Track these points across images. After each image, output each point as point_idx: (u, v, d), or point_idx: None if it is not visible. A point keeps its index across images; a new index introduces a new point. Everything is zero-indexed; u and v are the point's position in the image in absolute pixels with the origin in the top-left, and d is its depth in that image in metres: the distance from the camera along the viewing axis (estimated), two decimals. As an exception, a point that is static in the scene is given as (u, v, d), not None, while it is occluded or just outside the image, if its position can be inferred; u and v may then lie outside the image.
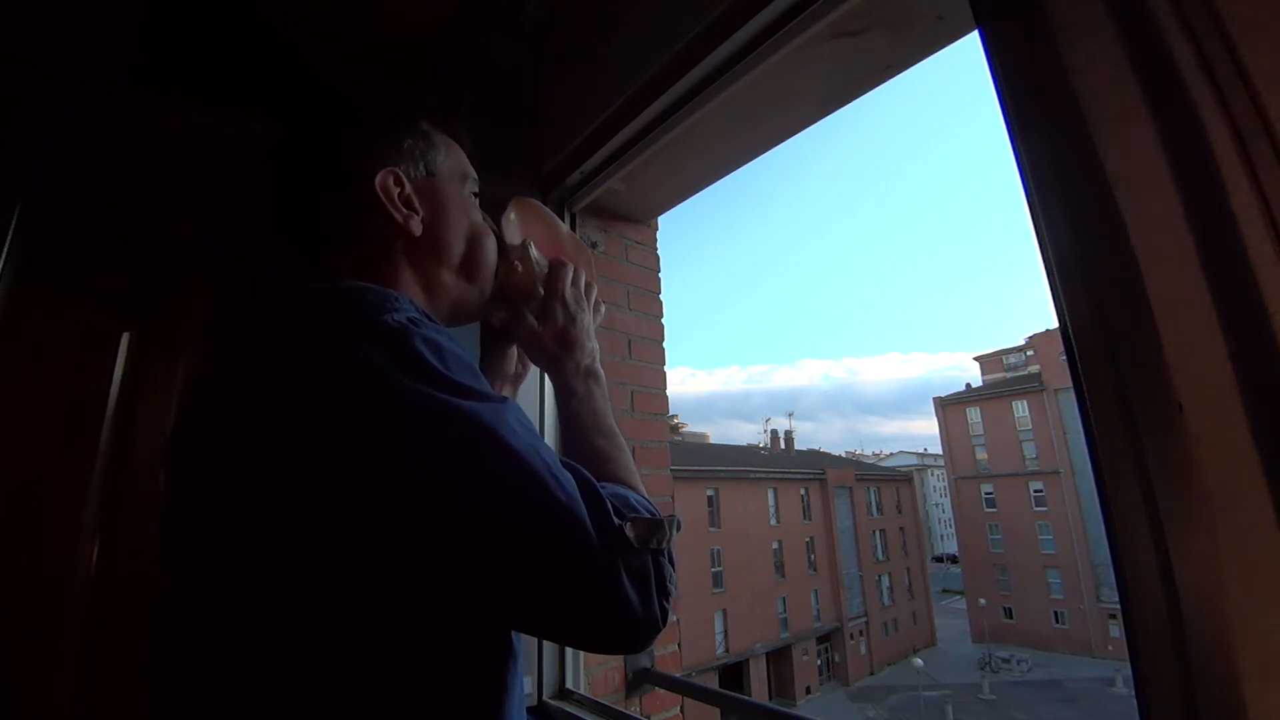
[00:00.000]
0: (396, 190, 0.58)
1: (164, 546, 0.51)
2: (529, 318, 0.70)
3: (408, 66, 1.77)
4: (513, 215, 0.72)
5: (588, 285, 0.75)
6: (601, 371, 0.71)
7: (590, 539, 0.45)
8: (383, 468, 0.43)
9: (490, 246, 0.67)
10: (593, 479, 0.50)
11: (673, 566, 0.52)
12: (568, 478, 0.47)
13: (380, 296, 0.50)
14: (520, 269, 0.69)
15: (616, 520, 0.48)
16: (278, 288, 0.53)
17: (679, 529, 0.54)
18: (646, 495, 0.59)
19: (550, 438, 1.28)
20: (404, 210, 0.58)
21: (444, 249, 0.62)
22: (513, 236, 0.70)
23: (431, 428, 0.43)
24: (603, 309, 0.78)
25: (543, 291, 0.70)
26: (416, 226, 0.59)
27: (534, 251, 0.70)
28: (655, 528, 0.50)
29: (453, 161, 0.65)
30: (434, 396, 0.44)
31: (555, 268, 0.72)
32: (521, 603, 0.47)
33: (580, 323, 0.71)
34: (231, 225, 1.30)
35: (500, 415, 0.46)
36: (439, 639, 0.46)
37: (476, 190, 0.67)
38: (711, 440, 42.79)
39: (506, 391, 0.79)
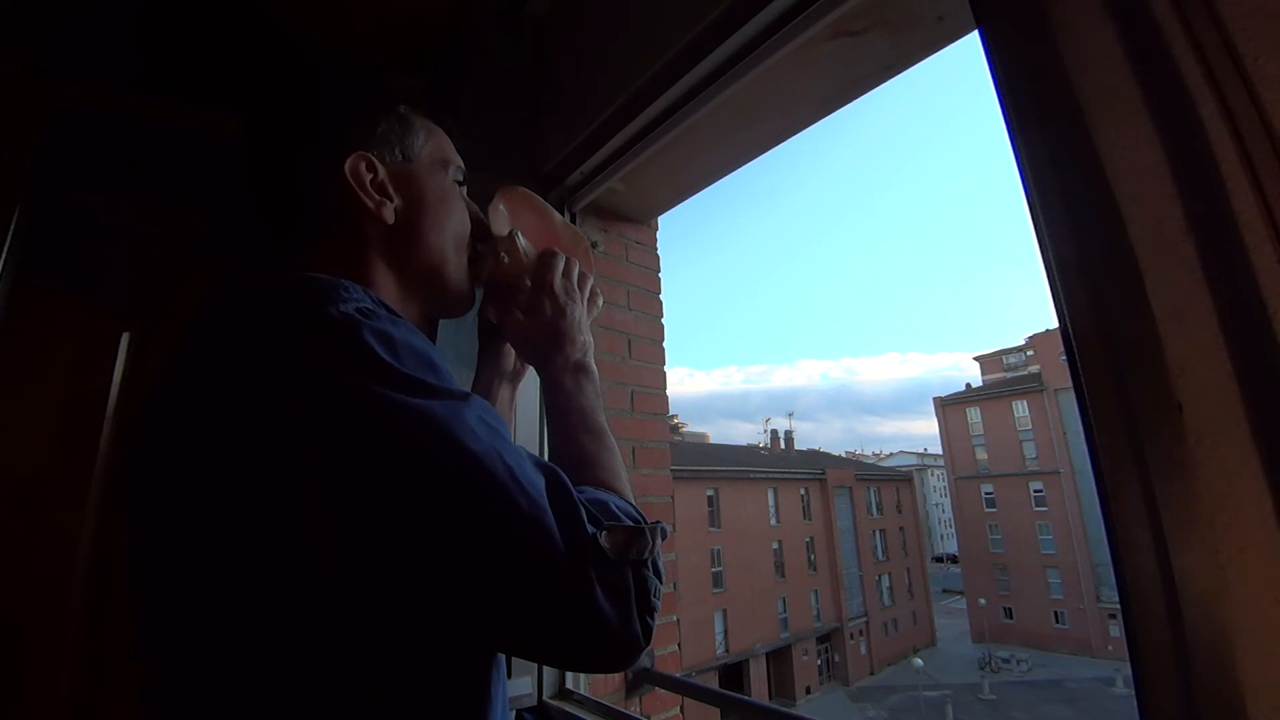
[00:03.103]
0: (369, 176, 0.56)
1: (126, 556, 0.49)
2: (516, 311, 0.67)
3: (408, 66, 1.77)
4: (500, 204, 0.69)
5: (581, 276, 0.71)
6: (594, 367, 0.67)
7: (556, 548, 0.42)
8: (325, 473, 0.40)
9: (470, 235, 0.64)
10: (568, 483, 0.47)
11: (659, 579, 0.48)
12: (536, 482, 0.44)
13: (326, 287, 0.47)
14: (507, 260, 0.66)
15: (590, 529, 0.44)
16: (235, 283, 0.50)
17: (664, 537, 0.50)
18: (632, 500, 0.55)
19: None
20: (375, 197, 0.56)
21: (419, 237, 0.59)
22: (500, 226, 0.67)
23: (376, 428, 0.40)
24: (600, 300, 0.75)
25: (530, 283, 0.67)
26: (389, 214, 0.57)
27: (522, 242, 0.67)
28: (635, 537, 0.46)
29: (432, 147, 0.62)
30: (379, 394, 0.41)
31: (544, 258, 0.68)
32: (485, 618, 0.43)
33: (570, 315, 0.67)
34: (227, 222, 1.30)
35: (457, 413, 0.42)
36: (407, 647, 0.44)
37: (461, 178, 0.65)
38: (711, 440, 42.78)
39: (505, 391, 0.76)
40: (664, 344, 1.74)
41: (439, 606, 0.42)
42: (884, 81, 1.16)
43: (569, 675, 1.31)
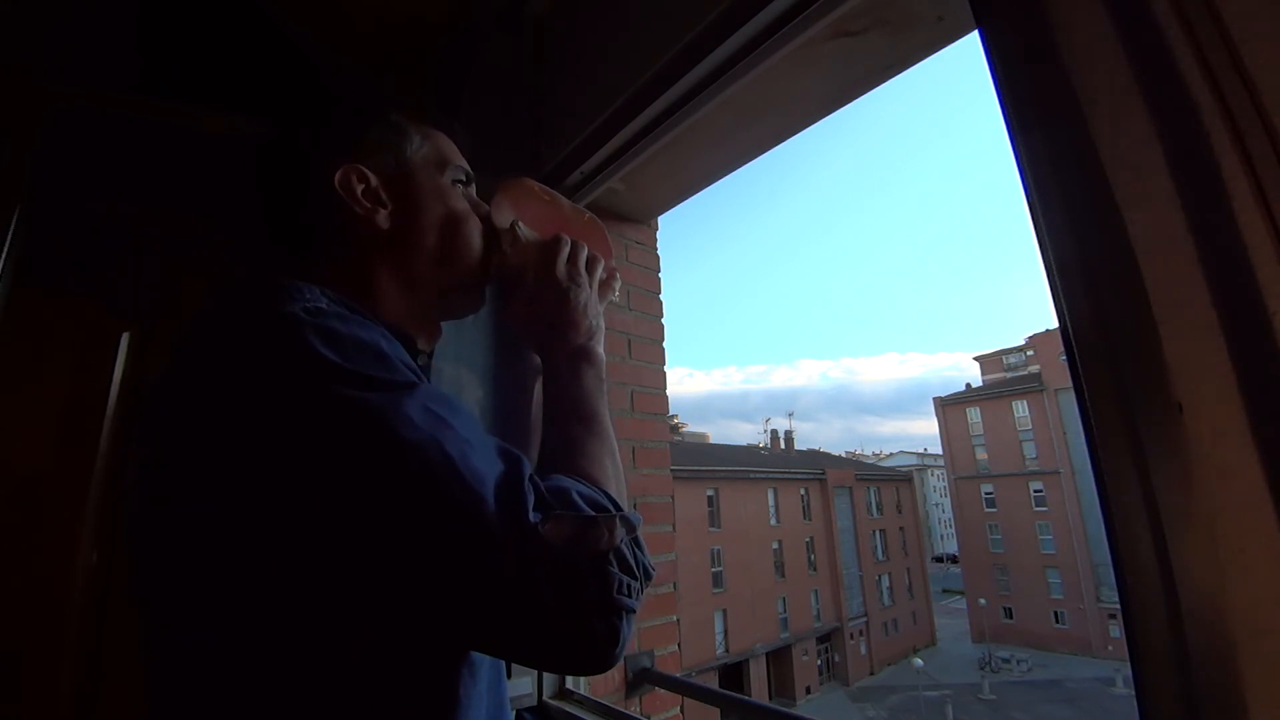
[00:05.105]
0: (360, 186, 0.57)
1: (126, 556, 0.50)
2: (519, 300, 0.67)
3: (408, 66, 1.77)
4: (502, 199, 0.69)
5: (591, 259, 0.71)
6: (599, 351, 0.66)
7: (489, 536, 0.41)
8: (266, 468, 0.41)
9: (472, 232, 0.64)
10: (524, 471, 0.45)
11: (633, 574, 0.45)
12: (481, 470, 0.42)
13: (279, 289, 0.48)
14: (511, 252, 0.66)
15: (533, 517, 0.42)
16: (221, 289, 0.52)
17: (631, 529, 0.47)
18: (611, 488, 0.52)
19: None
20: (366, 205, 0.57)
21: (417, 240, 0.60)
22: (501, 220, 0.67)
23: (309, 420, 0.41)
24: (617, 282, 0.74)
25: (533, 272, 0.67)
26: (384, 220, 0.58)
27: (524, 231, 0.67)
28: (586, 527, 0.44)
29: (428, 150, 0.63)
30: (312, 388, 0.41)
31: (546, 245, 0.68)
32: (423, 608, 0.43)
33: (574, 300, 0.66)
34: (231, 226, 1.30)
35: (395, 404, 0.42)
36: (365, 646, 0.44)
37: (463, 178, 0.65)
38: (711, 440, 42.78)
39: (540, 387, 0.77)
40: (664, 344, 1.74)
41: (380, 599, 0.43)
42: (884, 81, 1.16)
43: (569, 675, 1.31)
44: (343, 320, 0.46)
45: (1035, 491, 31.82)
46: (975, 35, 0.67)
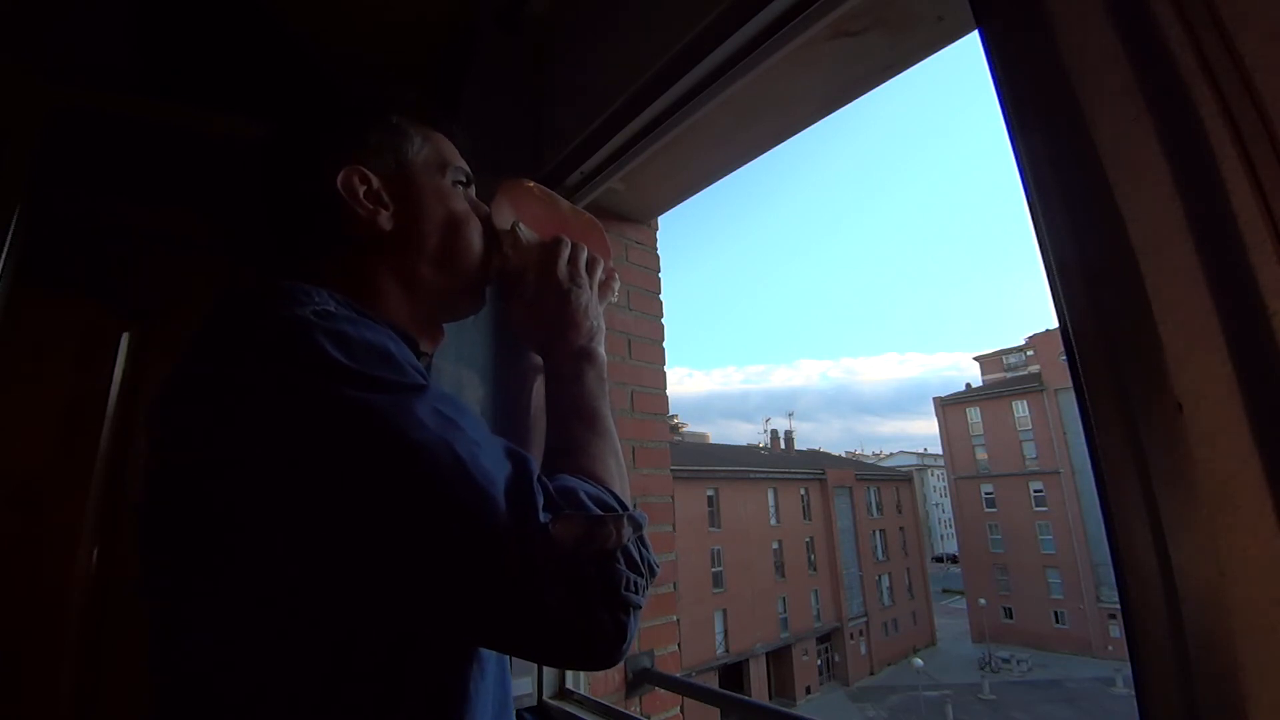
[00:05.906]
0: (362, 188, 0.57)
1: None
2: (520, 301, 0.67)
3: (408, 66, 1.77)
4: (502, 200, 0.69)
5: (591, 260, 0.71)
6: (600, 352, 0.67)
7: (498, 537, 0.41)
8: (276, 470, 0.41)
9: (473, 234, 0.64)
10: (531, 471, 0.46)
11: (638, 571, 0.46)
12: (491, 471, 0.43)
13: (287, 292, 0.48)
14: (512, 253, 0.67)
15: (543, 517, 0.43)
16: (227, 293, 0.52)
17: (638, 527, 0.48)
18: (616, 487, 0.53)
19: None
20: (369, 206, 0.57)
21: (418, 242, 0.60)
22: (502, 221, 0.67)
23: (318, 422, 0.41)
24: (616, 283, 0.75)
25: (534, 273, 0.67)
26: (386, 221, 0.58)
27: (525, 233, 0.67)
28: (594, 526, 0.45)
29: (429, 152, 0.63)
30: (321, 390, 0.42)
31: (546, 247, 0.68)
32: (432, 609, 0.43)
33: (575, 301, 0.66)
34: (230, 227, 1.30)
35: (404, 406, 0.43)
36: (375, 644, 0.44)
37: (464, 180, 0.65)
38: (711, 440, 42.77)
39: (540, 385, 0.76)
40: (664, 344, 1.74)
41: (389, 599, 0.43)
42: (884, 81, 1.16)
43: (569, 675, 1.31)
44: (351, 323, 0.46)
45: (1035, 491, 31.82)
46: (975, 35, 0.67)
